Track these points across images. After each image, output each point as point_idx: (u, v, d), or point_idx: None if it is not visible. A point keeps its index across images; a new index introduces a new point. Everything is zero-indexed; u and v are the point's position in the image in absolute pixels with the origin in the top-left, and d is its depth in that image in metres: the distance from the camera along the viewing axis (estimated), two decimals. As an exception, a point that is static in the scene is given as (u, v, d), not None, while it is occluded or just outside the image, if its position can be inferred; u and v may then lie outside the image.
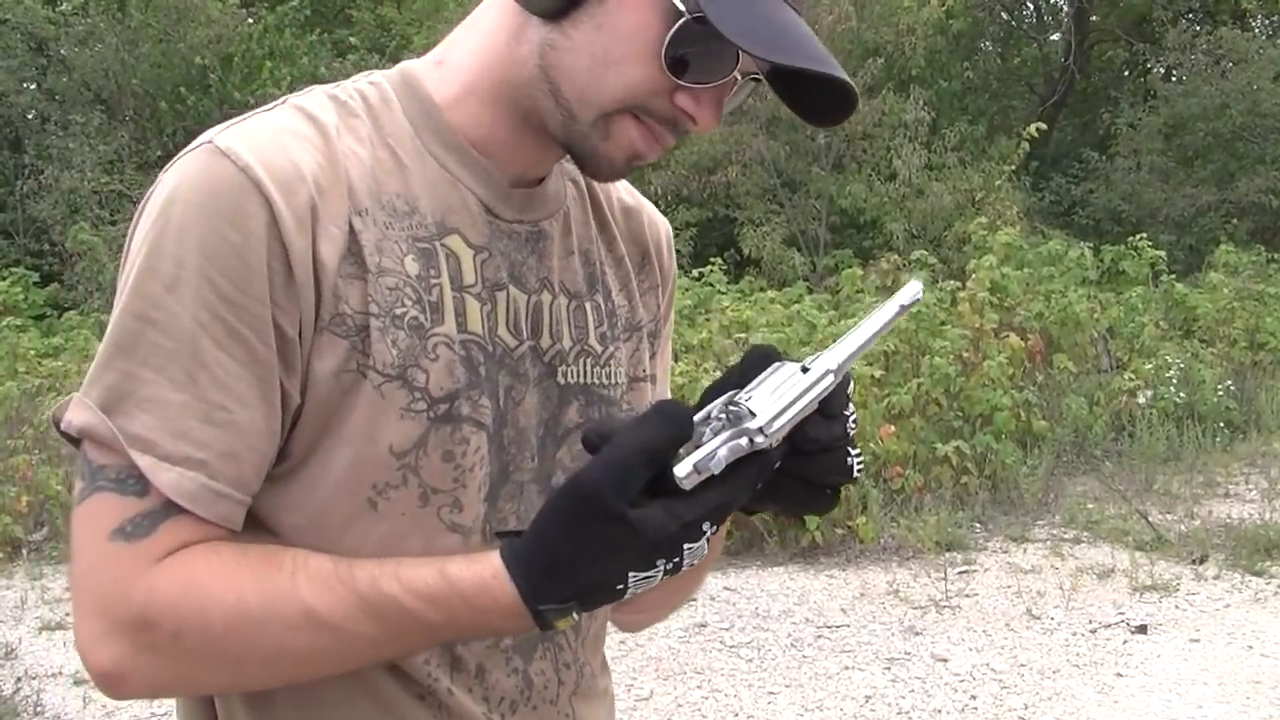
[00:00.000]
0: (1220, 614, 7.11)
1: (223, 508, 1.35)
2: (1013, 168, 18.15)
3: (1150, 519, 8.62)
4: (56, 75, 21.44)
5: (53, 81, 21.42)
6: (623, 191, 1.73)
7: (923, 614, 7.27)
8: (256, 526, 1.40)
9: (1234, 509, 8.98)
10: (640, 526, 1.24)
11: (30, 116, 21.29)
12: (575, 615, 1.29)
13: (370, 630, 1.33)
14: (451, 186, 1.49)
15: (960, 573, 7.91)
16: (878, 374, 9.74)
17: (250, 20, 22.43)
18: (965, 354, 10.12)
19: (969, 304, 10.75)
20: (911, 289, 1.45)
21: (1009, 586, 7.65)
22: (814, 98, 1.47)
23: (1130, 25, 26.06)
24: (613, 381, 1.62)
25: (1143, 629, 6.89)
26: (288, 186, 1.35)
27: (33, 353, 13.89)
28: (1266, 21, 26.97)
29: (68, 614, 7.87)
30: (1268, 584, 7.56)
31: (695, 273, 15.11)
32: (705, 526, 1.27)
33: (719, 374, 1.54)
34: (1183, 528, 8.61)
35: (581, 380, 1.58)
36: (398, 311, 1.41)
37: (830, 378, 1.34)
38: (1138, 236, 14.97)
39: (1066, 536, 8.57)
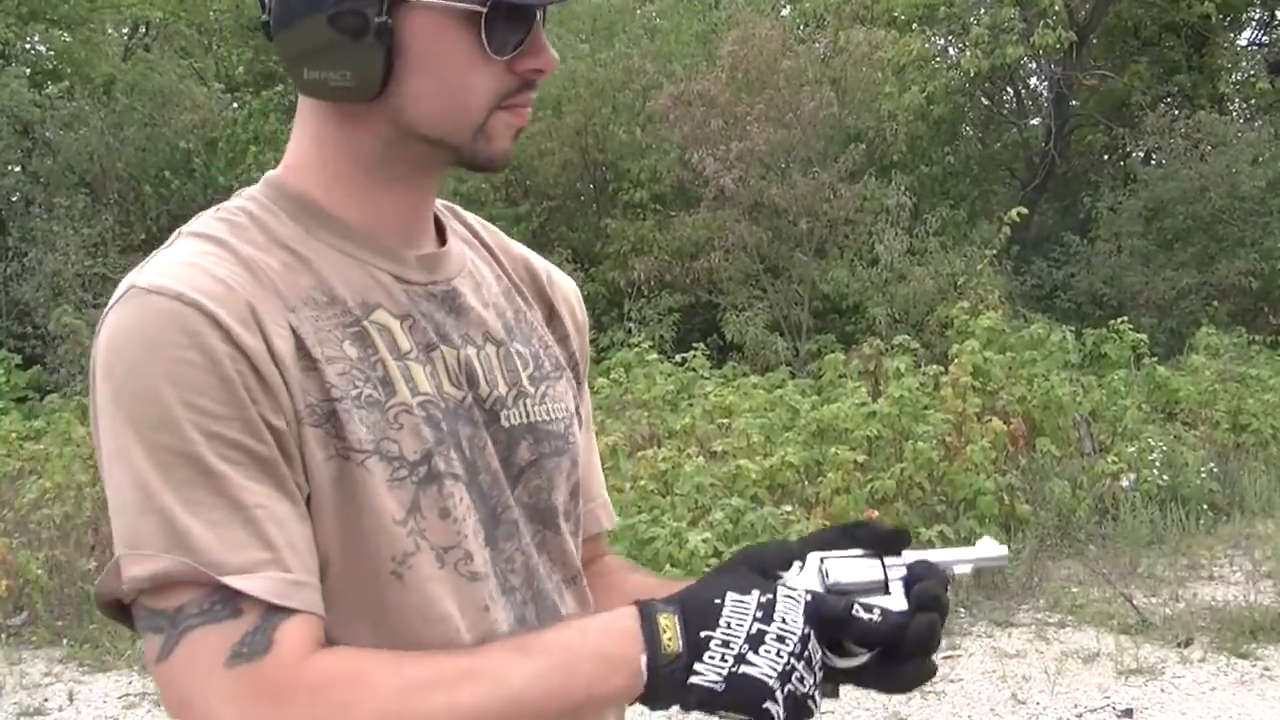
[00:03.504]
0: (1206, 697, 7.09)
1: (306, 595, 1.39)
2: (994, 252, 18.22)
3: (1135, 602, 8.61)
4: (41, 158, 21.46)
5: (37, 164, 21.44)
6: (530, 256, 1.86)
7: (907, 699, 7.22)
8: None
9: (1219, 591, 8.97)
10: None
11: (14, 199, 21.30)
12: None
13: (536, 668, 1.40)
14: (359, 267, 1.56)
15: (945, 658, 7.87)
16: (861, 459, 9.75)
17: (235, 105, 22.60)
18: (948, 438, 10.13)
19: (952, 388, 10.78)
20: (995, 549, 1.70)
21: (994, 671, 7.62)
22: None
23: (1109, 110, 26.24)
24: (554, 417, 1.71)
25: (1128, 713, 6.87)
26: (222, 300, 1.42)
27: (14, 435, 13.85)
28: (1244, 106, 27.18)
29: (46, 699, 7.81)
30: (1253, 666, 7.54)
31: (678, 358, 15.14)
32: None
33: (701, 460, 1.86)
34: (1167, 611, 8.59)
35: (525, 420, 1.66)
36: (353, 393, 1.47)
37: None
38: (1119, 320, 15.04)
39: (1051, 620, 8.54)
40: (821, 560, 1.54)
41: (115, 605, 1.41)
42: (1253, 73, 27.43)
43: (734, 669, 1.40)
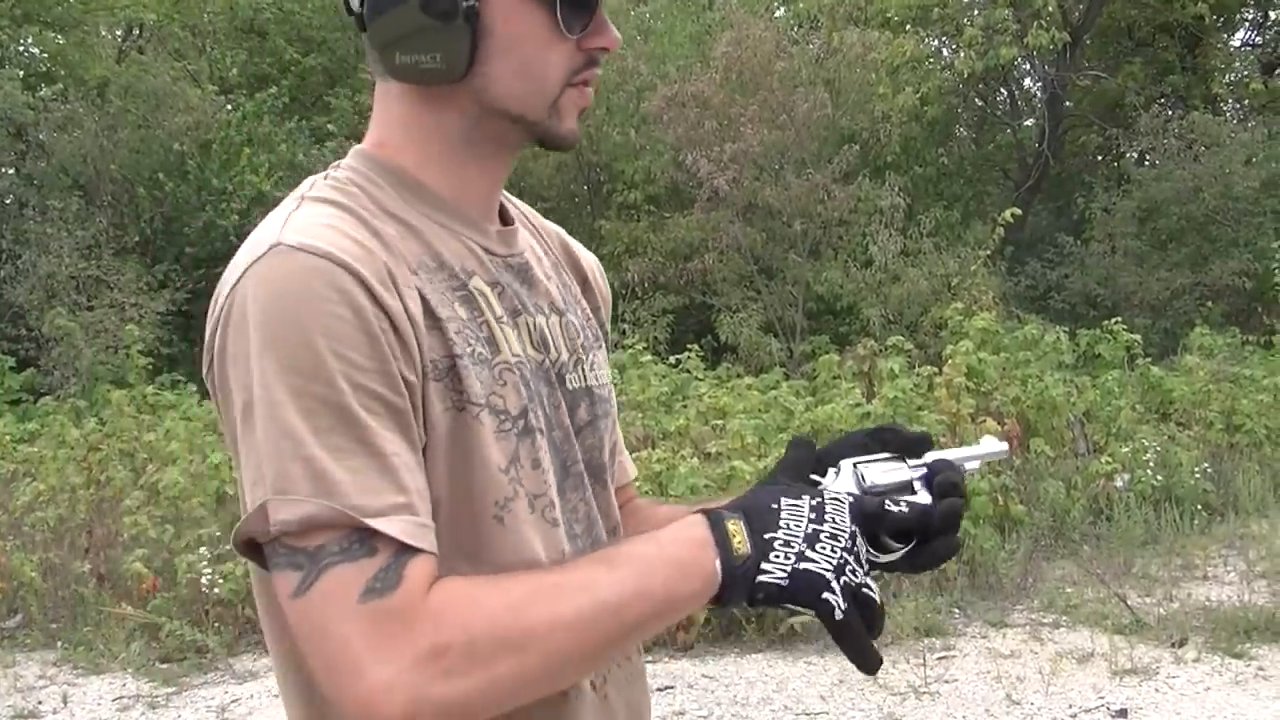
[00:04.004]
0: (1200, 697, 7.09)
1: (430, 536, 1.49)
2: (988, 253, 18.23)
3: (1129, 602, 8.61)
4: (35, 160, 21.45)
5: (31, 166, 21.42)
6: (561, 231, 2.02)
7: (902, 700, 7.23)
8: None
9: (1213, 591, 8.98)
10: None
11: (8, 201, 21.26)
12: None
13: (621, 576, 1.51)
14: (455, 238, 1.69)
15: (939, 658, 7.88)
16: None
17: (229, 107, 22.55)
18: (942, 439, 10.12)
19: (946, 389, 10.78)
20: (996, 445, 1.92)
21: (988, 672, 7.62)
22: None
23: (1103, 111, 26.28)
24: (601, 383, 1.87)
25: (1123, 713, 6.87)
26: (364, 261, 1.52)
27: (8, 438, 13.84)
28: (1237, 106, 27.23)
29: (40, 701, 7.81)
30: (1247, 666, 7.54)
31: (672, 359, 15.11)
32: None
33: (696, 462, 2.05)
34: (1161, 611, 8.59)
35: (583, 384, 1.82)
36: (468, 350, 1.60)
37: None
38: (1113, 320, 15.03)
39: (1045, 621, 8.55)
40: (855, 465, 1.72)
41: (248, 544, 1.50)
42: (1246, 73, 27.51)
43: (796, 565, 1.53)
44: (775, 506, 1.58)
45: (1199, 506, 10.60)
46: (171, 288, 19.28)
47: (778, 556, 1.53)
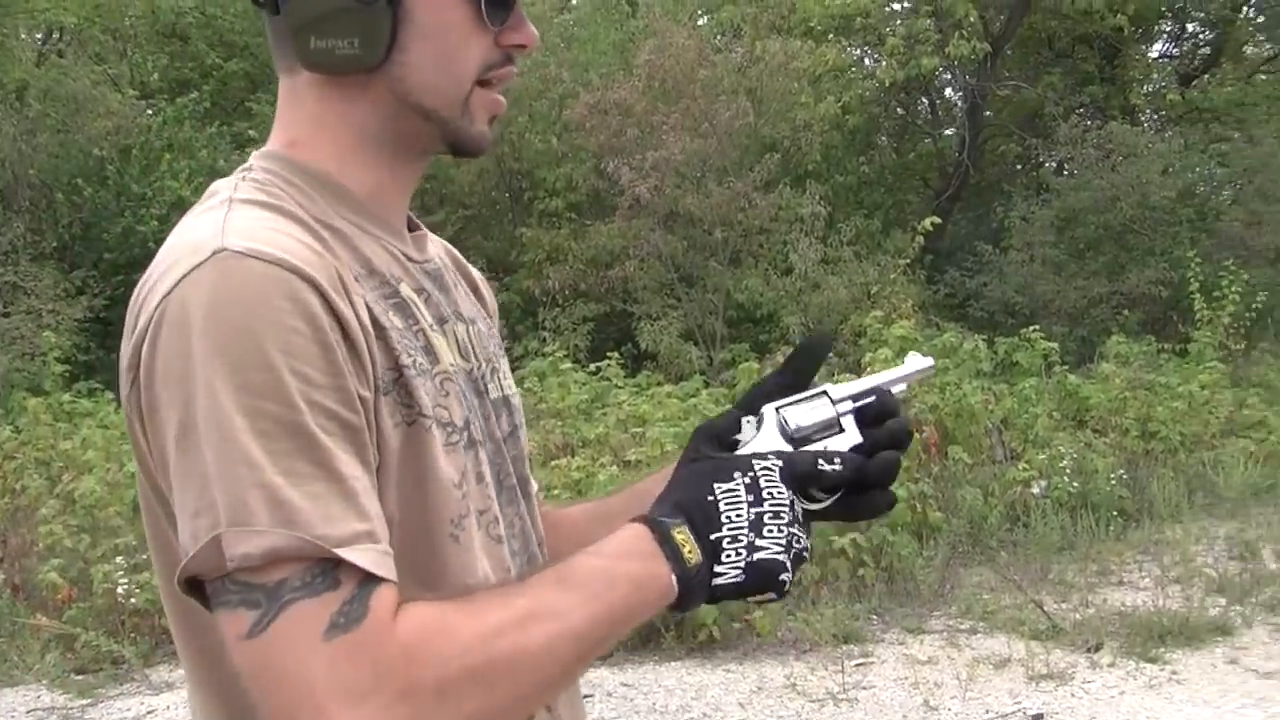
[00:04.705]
0: (1115, 701, 7.16)
1: (392, 565, 1.39)
2: (908, 261, 18.35)
3: (1045, 608, 8.67)
4: (-49, 165, 21.17)
5: (-53, 171, 21.14)
6: (446, 243, 1.91)
7: (820, 706, 7.25)
8: None
9: (1128, 597, 9.05)
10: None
11: (-76, 206, 20.97)
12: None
13: (582, 599, 1.44)
14: (378, 243, 1.61)
15: (857, 665, 7.91)
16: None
17: (149, 112, 22.34)
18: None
19: (865, 396, 10.81)
20: (922, 361, 1.84)
21: (906, 678, 7.65)
22: None
23: (1023, 120, 26.49)
24: (513, 392, 1.81)
25: (1039, 718, 6.92)
26: (318, 267, 1.43)
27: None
28: (1155, 117, 27.52)
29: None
30: (1161, 670, 7.62)
31: (593, 367, 15.10)
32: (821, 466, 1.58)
33: (615, 470, 2.01)
34: (1078, 616, 8.66)
35: (501, 394, 1.76)
36: (410, 360, 1.52)
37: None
38: (1031, 328, 15.13)
39: (963, 627, 8.59)
40: (777, 410, 1.68)
41: (191, 582, 1.38)
42: (1164, 84, 27.85)
43: (749, 558, 1.51)
44: (712, 498, 1.54)
45: (1114, 513, 10.69)
46: (89, 294, 19.04)
47: (729, 555, 1.51)
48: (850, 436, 1.66)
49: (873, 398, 1.72)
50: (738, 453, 1.65)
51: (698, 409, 11.94)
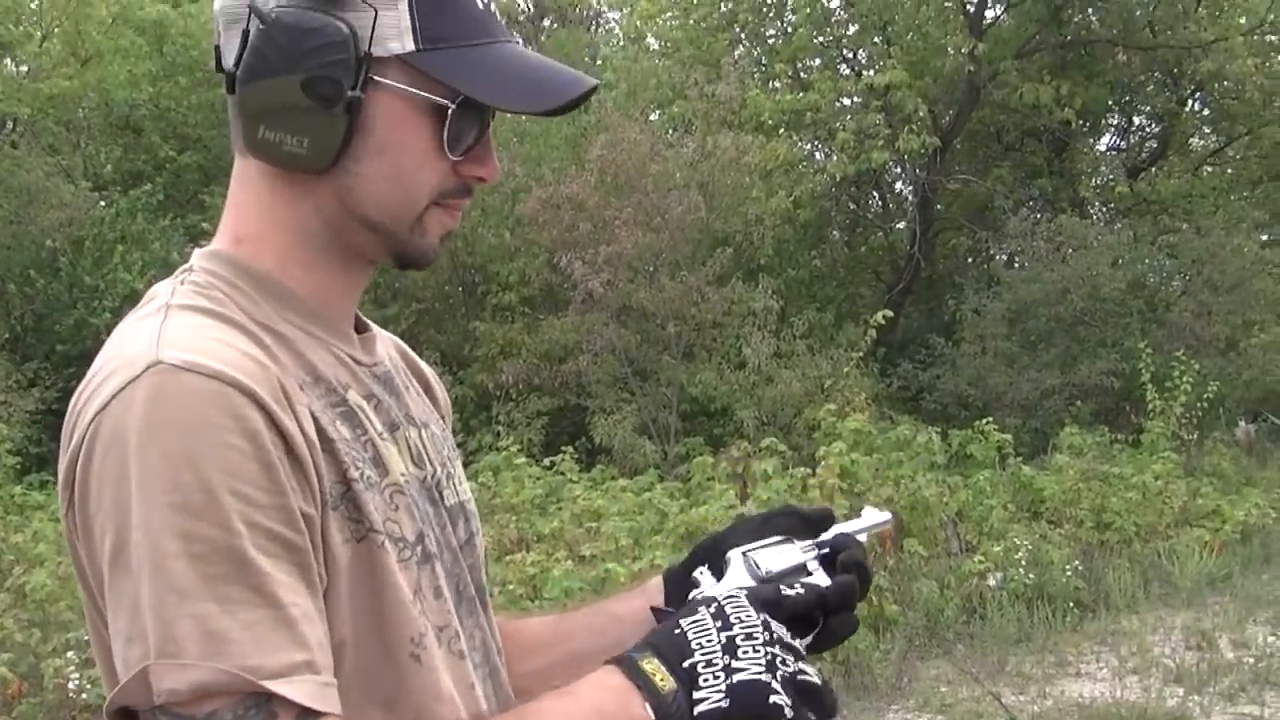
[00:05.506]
0: (1074, 796, 7.12)
1: (333, 695, 1.34)
2: (860, 354, 18.38)
3: (1003, 700, 8.63)
4: (-97, 254, 21.07)
5: (-101, 262, 21.04)
6: (396, 339, 1.85)
7: (778, 802, 7.17)
8: None
9: (1085, 688, 9.03)
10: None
11: (-125, 297, 20.86)
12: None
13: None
14: (324, 348, 1.54)
15: (815, 759, 7.83)
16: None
17: (103, 204, 22.27)
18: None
19: (819, 490, 10.82)
20: (879, 515, 1.86)
21: (864, 773, 7.60)
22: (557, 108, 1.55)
23: (973, 214, 26.71)
24: (469, 497, 1.74)
25: (998, 814, 6.87)
26: (259, 379, 1.36)
27: None
28: (1104, 209, 27.79)
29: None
30: (1120, 765, 7.59)
31: (547, 461, 15.06)
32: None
33: (570, 564, 2.00)
34: (1035, 708, 8.62)
35: (457, 500, 1.69)
36: (358, 473, 1.44)
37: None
38: (984, 420, 15.20)
39: (921, 720, 8.55)
40: (745, 554, 1.68)
41: (121, 713, 1.34)
42: (1112, 177, 28.09)
43: (729, 680, 1.46)
44: (679, 631, 1.50)
45: (1071, 604, 10.69)
46: (41, 386, 18.90)
47: (706, 680, 1.45)
48: (818, 579, 1.67)
49: (840, 544, 1.73)
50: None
51: (652, 503, 11.92)
